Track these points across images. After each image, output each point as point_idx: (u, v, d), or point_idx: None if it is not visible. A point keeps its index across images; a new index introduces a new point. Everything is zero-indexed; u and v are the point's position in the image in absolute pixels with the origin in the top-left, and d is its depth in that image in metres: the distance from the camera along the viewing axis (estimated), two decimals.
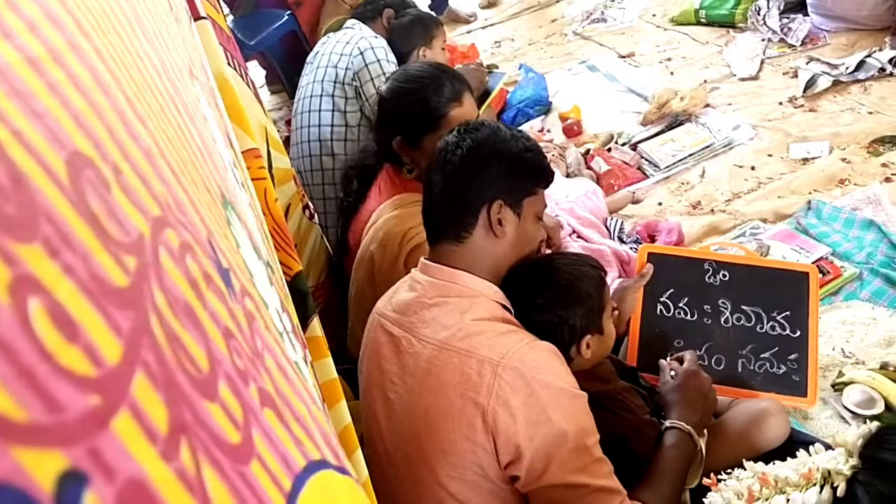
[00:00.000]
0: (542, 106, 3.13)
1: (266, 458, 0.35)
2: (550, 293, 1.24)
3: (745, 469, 1.04)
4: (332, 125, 2.37)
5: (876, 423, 0.96)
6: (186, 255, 0.35)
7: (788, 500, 0.93)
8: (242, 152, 1.08)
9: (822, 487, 0.91)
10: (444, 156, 1.22)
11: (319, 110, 2.37)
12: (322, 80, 2.38)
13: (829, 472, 0.92)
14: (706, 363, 1.56)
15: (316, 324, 1.05)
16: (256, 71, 3.85)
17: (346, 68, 2.34)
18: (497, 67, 3.44)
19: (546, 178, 1.27)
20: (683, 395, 1.33)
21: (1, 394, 0.20)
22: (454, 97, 1.63)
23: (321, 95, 2.38)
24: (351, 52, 2.35)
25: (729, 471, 1.06)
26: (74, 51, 0.34)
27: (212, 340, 0.34)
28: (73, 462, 0.21)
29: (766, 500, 0.96)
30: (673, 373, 1.38)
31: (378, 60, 2.32)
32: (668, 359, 1.44)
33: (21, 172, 0.24)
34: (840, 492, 0.88)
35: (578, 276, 1.27)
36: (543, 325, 1.21)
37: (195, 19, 1.11)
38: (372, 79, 2.31)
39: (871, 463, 0.89)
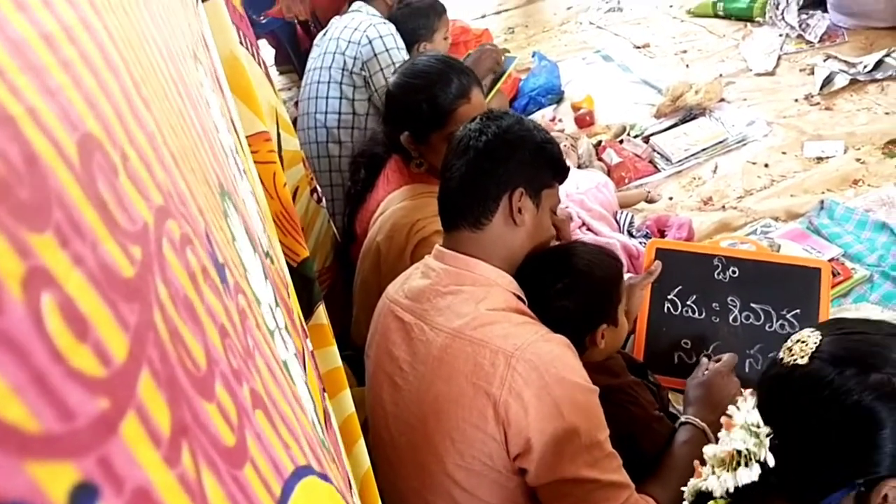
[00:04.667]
0: (555, 95, 3.09)
1: (258, 461, 0.34)
2: (571, 279, 1.24)
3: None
4: (339, 112, 2.34)
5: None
6: (187, 248, 0.34)
7: (719, 478, 0.91)
8: (252, 135, 1.07)
9: (747, 464, 0.89)
10: (465, 142, 1.21)
11: (326, 97, 2.35)
12: (329, 67, 2.35)
13: (747, 451, 0.89)
14: None
15: (321, 311, 1.04)
16: (266, 51, 3.82)
17: (355, 57, 2.31)
18: (509, 52, 3.40)
19: (563, 172, 1.28)
20: (706, 392, 1.33)
21: (14, 403, 0.18)
22: (462, 93, 1.60)
23: (328, 82, 2.35)
24: (359, 39, 2.31)
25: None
26: (87, 29, 0.33)
27: (209, 338, 0.32)
28: (85, 474, 0.20)
29: (705, 479, 0.94)
30: (706, 370, 1.38)
31: (387, 50, 2.29)
32: (708, 359, 1.43)
33: (35, 153, 0.22)
34: (770, 461, 0.86)
35: (598, 265, 1.28)
36: (561, 310, 1.21)
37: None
38: (381, 69, 2.28)
39: (774, 416, 0.88)
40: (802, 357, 0.83)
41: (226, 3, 1.27)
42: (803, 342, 0.85)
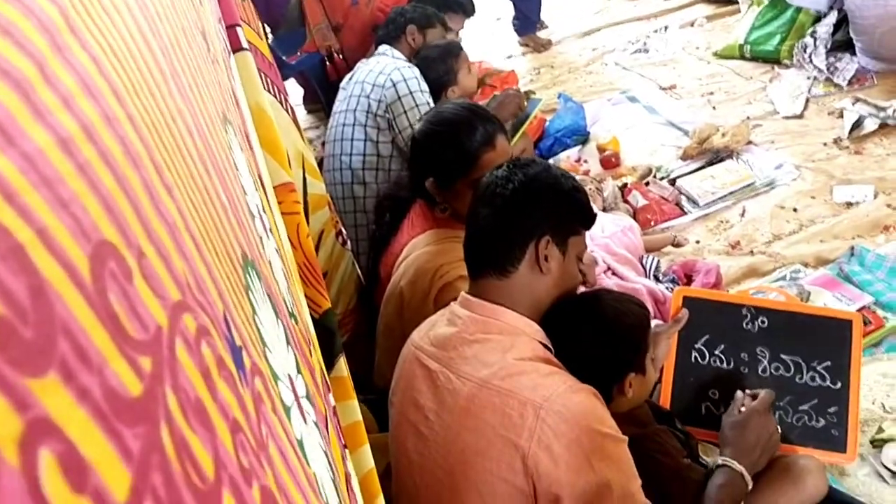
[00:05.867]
0: (580, 136, 3.10)
1: None
2: (599, 326, 1.24)
3: None
4: (363, 154, 2.37)
5: None
6: (202, 341, 0.33)
7: None
8: (277, 186, 1.07)
9: None
10: (492, 189, 1.22)
11: (352, 139, 2.38)
12: (355, 110, 2.39)
13: None
14: None
15: (342, 363, 1.04)
16: (294, 89, 3.87)
17: (379, 100, 2.35)
18: (534, 94, 3.42)
19: (590, 219, 1.27)
20: (742, 433, 1.30)
21: None
22: (487, 141, 1.61)
23: (353, 125, 2.38)
24: (384, 83, 2.35)
25: None
26: (108, 123, 0.32)
27: (219, 439, 0.31)
28: None
29: None
30: (743, 408, 1.34)
31: (411, 93, 2.32)
32: (744, 393, 1.39)
33: (43, 282, 0.21)
34: None
35: (626, 313, 1.28)
36: (589, 358, 1.20)
37: (235, 51, 1.11)
38: (405, 111, 2.31)
39: None
40: None
41: (254, 52, 1.29)
42: None
